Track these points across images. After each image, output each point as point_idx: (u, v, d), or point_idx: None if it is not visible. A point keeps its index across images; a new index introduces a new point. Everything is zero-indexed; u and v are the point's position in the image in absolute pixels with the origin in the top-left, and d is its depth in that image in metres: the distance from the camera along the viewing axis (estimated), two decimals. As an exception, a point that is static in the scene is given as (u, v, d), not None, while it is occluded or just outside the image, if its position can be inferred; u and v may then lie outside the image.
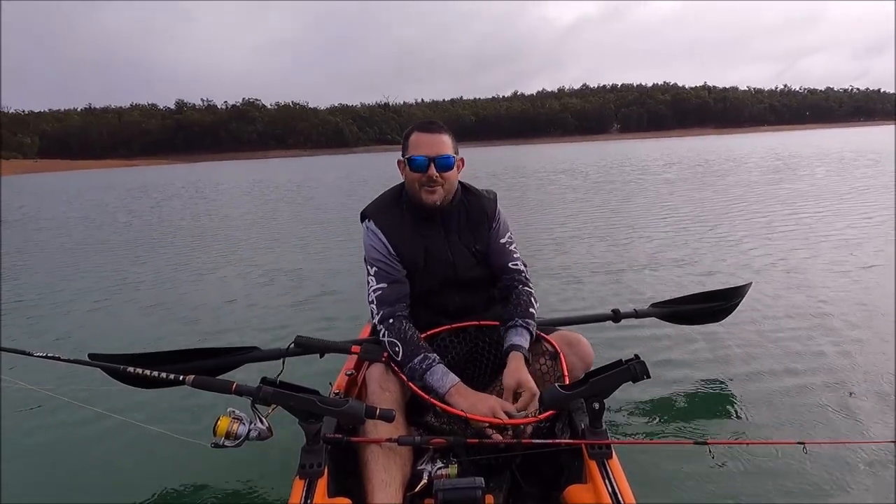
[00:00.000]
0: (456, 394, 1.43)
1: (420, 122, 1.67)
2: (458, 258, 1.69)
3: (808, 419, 2.11)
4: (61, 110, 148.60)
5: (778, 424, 2.08)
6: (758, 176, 12.81)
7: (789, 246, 5.16)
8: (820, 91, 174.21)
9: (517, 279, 1.74)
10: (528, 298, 1.69)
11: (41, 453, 2.12)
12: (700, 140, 65.25)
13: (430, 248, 1.67)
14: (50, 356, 1.75)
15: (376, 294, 1.62)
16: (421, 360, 1.49)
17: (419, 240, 1.66)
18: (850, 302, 3.46)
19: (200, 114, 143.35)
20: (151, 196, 17.07)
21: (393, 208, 1.69)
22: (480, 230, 1.72)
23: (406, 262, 1.65)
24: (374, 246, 1.65)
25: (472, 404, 1.41)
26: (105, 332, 3.73)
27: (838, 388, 2.35)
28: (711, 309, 2.45)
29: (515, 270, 1.75)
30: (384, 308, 1.59)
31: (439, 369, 1.48)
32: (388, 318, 1.58)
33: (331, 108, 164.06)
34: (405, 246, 1.65)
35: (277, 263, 5.65)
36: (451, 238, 1.69)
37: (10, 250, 7.43)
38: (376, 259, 1.64)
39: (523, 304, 1.67)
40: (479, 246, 1.72)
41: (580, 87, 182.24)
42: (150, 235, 8.36)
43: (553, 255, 5.35)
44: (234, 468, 1.89)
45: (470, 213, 1.72)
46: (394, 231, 1.65)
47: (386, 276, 1.63)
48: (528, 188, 13.00)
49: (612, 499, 1.21)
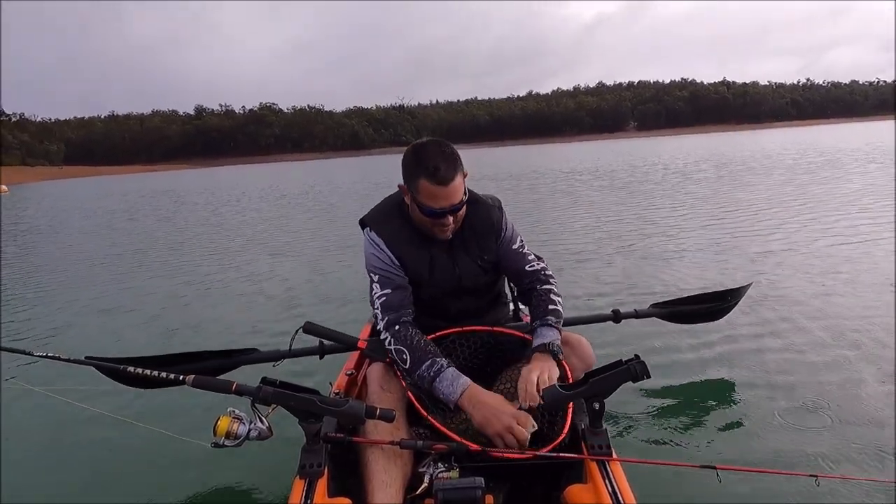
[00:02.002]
0: (469, 403, 1.38)
1: (426, 160, 1.46)
2: (463, 270, 1.65)
3: (818, 439, 1.98)
4: (85, 118, 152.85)
5: (785, 439, 1.99)
6: (805, 175, 11.72)
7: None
8: (844, 84, 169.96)
9: (536, 279, 1.71)
10: (547, 296, 1.66)
11: (40, 454, 2.13)
12: (723, 136, 63.91)
13: (435, 260, 1.62)
14: (50, 356, 1.76)
15: (381, 300, 1.58)
16: (429, 367, 1.44)
17: (423, 252, 1.61)
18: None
19: (219, 119, 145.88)
20: (163, 201, 17.34)
21: (394, 218, 1.63)
22: (487, 241, 1.67)
23: (410, 273, 1.62)
24: (376, 255, 1.61)
25: (488, 419, 1.35)
26: (106, 335, 3.74)
27: (854, 402, 2.23)
28: (710, 309, 2.46)
29: (533, 272, 1.70)
30: (389, 314, 1.56)
31: (449, 374, 1.43)
32: (394, 325, 1.54)
33: (346, 110, 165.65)
34: (409, 258, 1.61)
35: (280, 266, 5.68)
36: (456, 251, 1.65)
37: (18, 256, 7.60)
38: (378, 268, 1.61)
39: (542, 304, 1.63)
40: (487, 256, 1.67)
41: (596, 86, 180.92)
42: (160, 239, 8.49)
43: (569, 258, 5.31)
44: (234, 468, 1.89)
45: (475, 224, 1.65)
46: (396, 242, 1.60)
47: (389, 282, 1.60)
48: (541, 191, 12.86)
49: (612, 499, 1.20)
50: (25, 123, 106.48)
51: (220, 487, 1.84)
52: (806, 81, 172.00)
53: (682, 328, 2.69)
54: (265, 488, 1.81)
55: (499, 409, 1.36)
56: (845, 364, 2.55)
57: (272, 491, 1.79)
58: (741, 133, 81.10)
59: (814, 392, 2.30)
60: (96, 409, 1.96)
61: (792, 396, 2.28)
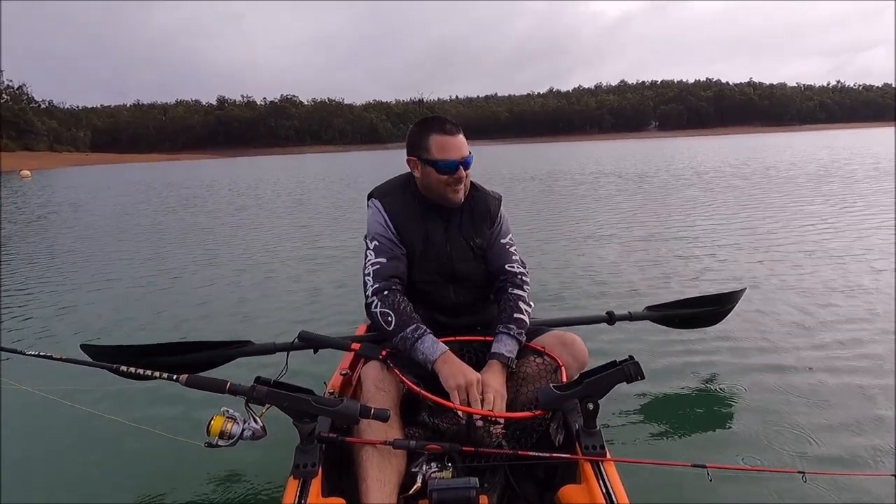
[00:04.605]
0: (444, 363, 1.46)
1: (433, 121, 1.65)
2: (455, 250, 1.71)
3: (806, 438, 2.01)
4: (112, 106, 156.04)
5: (774, 439, 2.00)
6: (867, 183, 10.67)
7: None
8: (876, 87, 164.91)
9: (510, 281, 1.73)
10: (516, 303, 1.66)
11: (32, 453, 2.10)
12: (751, 138, 62.52)
13: (430, 236, 1.69)
14: (42, 355, 1.74)
15: (374, 267, 1.63)
16: (413, 330, 1.51)
17: (420, 225, 1.69)
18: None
19: (240, 110, 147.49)
20: (182, 190, 17.57)
21: (399, 195, 1.72)
22: (482, 226, 1.74)
23: (405, 244, 1.68)
24: (377, 221, 1.68)
25: (454, 373, 1.42)
26: (104, 322, 3.75)
27: (840, 403, 2.25)
28: (704, 313, 2.45)
29: (510, 273, 1.75)
30: (380, 281, 1.61)
31: (429, 338, 1.50)
32: (383, 291, 1.59)
33: (366, 104, 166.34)
34: (406, 229, 1.68)
35: (280, 260, 5.67)
36: (451, 231, 1.72)
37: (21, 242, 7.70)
38: (377, 234, 1.68)
39: (509, 309, 1.65)
40: (480, 240, 1.74)
41: (618, 84, 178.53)
42: (173, 227, 8.57)
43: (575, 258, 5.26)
44: (228, 468, 1.89)
45: (474, 208, 1.74)
46: (397, 214, 1.68)
47: (386, 251, 1.65)
48: (561, 193, 12.71)
49: (606, 499, 1.20)
50: (54, 110, 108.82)
51: (213, 487, 1.83)
52: (836, 83, 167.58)
53: (676, 329, 2.66)
54: (259, 488, 1.81)
55: (467, 369, 1.45)
56: (841, 365, 2.57)
57: (266, 491, 1.79)
58: (768, 135, 79.40)
59: (808, 392, 2.33)
60: (89, 409, 1.94)
61: (785, 397, 2.30)
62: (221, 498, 1.78)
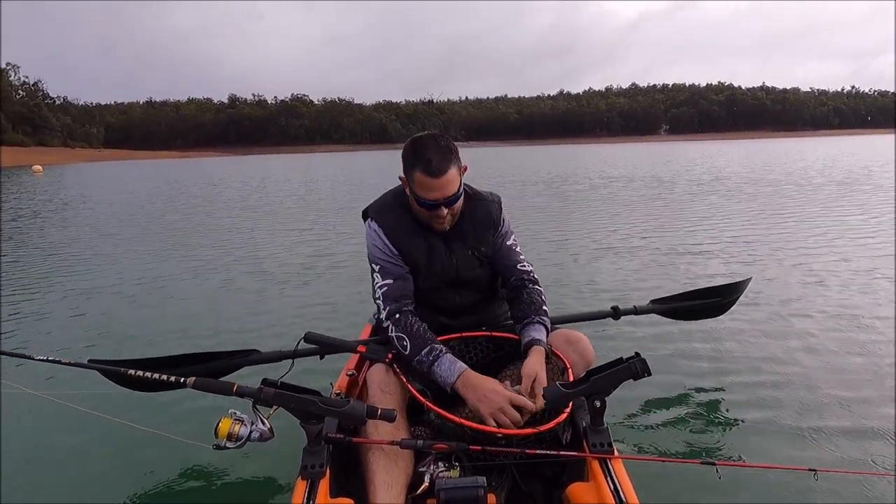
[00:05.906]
0: (463, 386, 1.43)
1: (422, 154, 1.50)
2: (460, 261, 1.69)
3: (816, 432, 1.99)
4: (125, 103, 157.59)
5: (784, 436, 1.99)
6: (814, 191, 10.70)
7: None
8: (891, 93, 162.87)
9: (527, 279, 1.74)
10: (540, 297, 1.70)
11: (42, 457, 2.11)
12: (764, 143, 61.77)
13: (432, 250, 1.67)
14: (50, 360, 1.74)
15: (382, 290, 1.63)
16: (428, 353, 1.49)
17: (421, 241, 1.66)
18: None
19: (252, 108, 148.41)
20: (191, 186, 17.67)
21: (395, 209, 1.68)
22: (485, 234, 1.72)
23: (408, 261, 1.67)
24: (376, 245, 1.67)
25: (480, 399, 1.39)
26: (106, 334, 3.62)
27: (850, 398, 2.23)
28: (710, 305, 2.43)
29: (524, 271, 1.75)
30: (391, 303, 1.61)
31: (447, 359, 1.48)
32: (395, 314, 1.59)
33: (375, 104, 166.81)
34: (406, 247, 1.65)
35: (283, 265, 5.62)
36: (453, 242, 1.69)
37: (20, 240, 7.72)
38: (379, 258, 1.66)
39: (536, 301, 1.67)
40: (485, 249, 1.72)
41: (629, 87, 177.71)
42: (177, 228, 8.57)
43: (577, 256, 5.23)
44: (236, 470, 1.89)
45: (474, 218, 1.70)
46: (395, 232, 1.65)
47: (391, 272, 1.64)
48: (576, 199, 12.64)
49: (614, 497, 1.19)
50: (68, 107, 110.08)
51: (222, 489, 1.84)
52: (851, 89, 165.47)
53: (681, 324, 2.67)
54: (267, 489, 1.82)
55: (492, 391, 1.40)
56: (847, 360, 2.56)
57: (274, 492, 1.79)
58: (780, 141, 78.64)
59: (815, 389, 2.31)
60: (96, 413, 1.94)
61: (793, 393, 2.28)
62: (230, 500, 1.79)
